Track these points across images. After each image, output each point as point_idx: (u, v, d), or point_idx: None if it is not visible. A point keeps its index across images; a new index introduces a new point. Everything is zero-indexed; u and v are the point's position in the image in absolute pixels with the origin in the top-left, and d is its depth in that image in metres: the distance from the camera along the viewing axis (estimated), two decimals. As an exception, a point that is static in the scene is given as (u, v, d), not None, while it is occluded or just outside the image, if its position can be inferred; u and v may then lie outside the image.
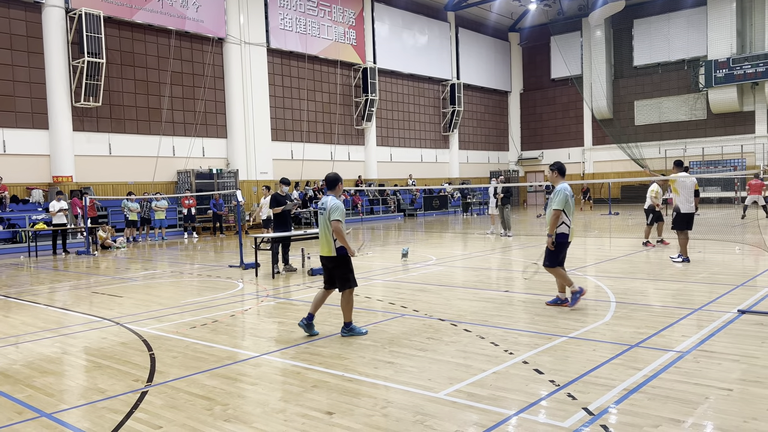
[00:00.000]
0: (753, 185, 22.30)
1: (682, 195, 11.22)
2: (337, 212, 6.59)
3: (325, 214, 6.66)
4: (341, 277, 6.70)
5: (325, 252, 6.70)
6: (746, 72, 32.47)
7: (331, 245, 6.64)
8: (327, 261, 6.74)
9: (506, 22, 41.54)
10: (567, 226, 7.77)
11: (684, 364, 5.23)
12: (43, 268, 14.81)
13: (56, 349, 6.63)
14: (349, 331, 6.70)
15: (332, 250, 6.64)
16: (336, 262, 6.67)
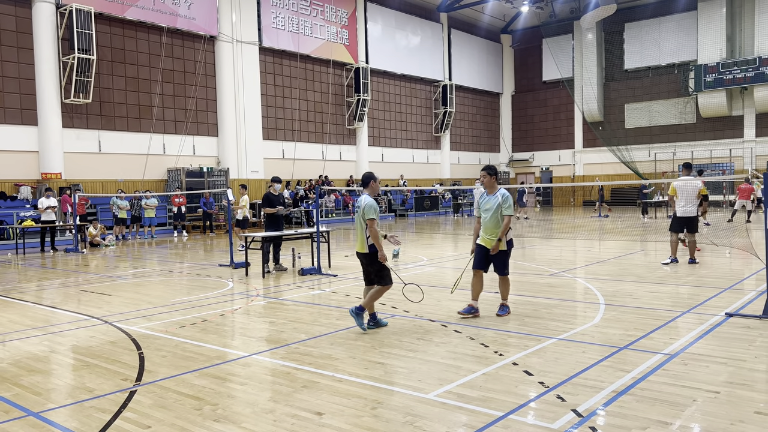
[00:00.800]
0: (742, 190, 22.15)
1: (681, 198, 11.34)
2: (371, 211, 6.77)
3: (359, 212, 6.86)
4: (377, 273, 6.88)
5: (359, 248, 6.93)
6: (735, 77, 32.76)
7: (364, 242, 6.84)
8: (361, 257, 6.96)
9: (498, 24, 41.68)
10: (511, 230, 7.61)
11: (672, 367, 5.26)
12: (31, 265, 14.69)
13: (44, 348, 6.58)
14: (375, 324, 6.96)
15: (365, 247, 6.83)
16: (370, 259, 6.85)
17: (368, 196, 6.93)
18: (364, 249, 6.87)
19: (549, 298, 8.58)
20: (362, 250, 6.90)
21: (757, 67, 32.14)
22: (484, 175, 7.45)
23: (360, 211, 6.87)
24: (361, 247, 6.90)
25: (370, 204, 6.82)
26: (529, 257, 13.55)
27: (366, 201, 6.85)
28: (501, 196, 7.32)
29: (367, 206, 6.79)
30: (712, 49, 33.68)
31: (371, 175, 7.08)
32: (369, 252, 6.82)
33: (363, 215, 6.81)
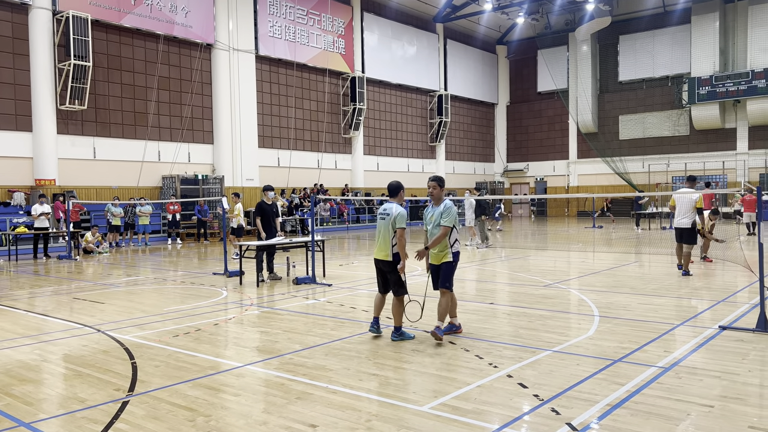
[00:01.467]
0: (747, 201, 20.70)
1: (678, 210, 11.75)
2: (402, 220, 6.86)
3: (389, 219, 6.86)
4: (396, 282, 6.89)
5: (382, 256, 6.92)
6: (728, 90, 33.03)
7: (388, 249, 6.85)
8: (383, 265, 6.95)
9: (494, 35, 41.92)
10: (459, 244, 7.05)
11: (666, 380, 5.27)
12: (24, 272, 14.60)
13: (35, 357, 6.53)
14: (400, 336, 6.88)
15: (389, 255, 6.84)
16: (392, 267, 6.87)
17: (398, 205, 6.96)
18: (388, 257, 6.85)
19: (543, 310, 8.59)
20: (385, 258, 6.87)
21: (749, 80, 32.42)
22: (434, 186, 6.98)
23: (390, 218, 6.85)
24: (385, 255, 6.87)
25: (402, 213, 6.88)
26: (523, 268, 13.57)
27: (398, 209, 6.88)
28: (443, 206, 6.86)
29: (400, 215, 6.84)
30: (706, 62, 33.97)
31: (400, 184, 7.15)
32: (392, 260, 6.84)
33: (394, 223, 6.81)
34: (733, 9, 33.82)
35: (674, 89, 36.09)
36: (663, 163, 36.33)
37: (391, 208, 6.94)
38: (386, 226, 6.89)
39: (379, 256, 6.96)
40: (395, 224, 6.82)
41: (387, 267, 6.91)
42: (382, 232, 6.94)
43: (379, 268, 7.04)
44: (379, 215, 7.05)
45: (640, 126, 37.57)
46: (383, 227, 6.93)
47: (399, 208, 6.92)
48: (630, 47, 37.74)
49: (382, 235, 6.93)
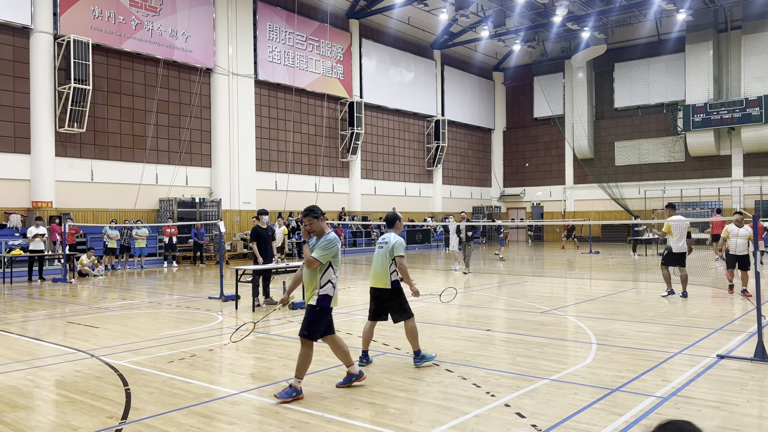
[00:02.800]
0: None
1: (675, 235, 12.21)
2: (401, 248, 6.88)
3: (386, 248, 6.90)
4: (398, 309, 6.90)
5: (380, 284, 6.90)
6: (723, 117, 33.35)
7: (387, 278, 6.85)
8: (380, 293, 6.92)
9: (491, 61, 42.40)
10: (333, 286, 5.90)
11: (664, 410, 5.23)
12: (18, 295, 14.50)
13: (27, 382, 6.46)
14: (421, 359, 6.86)
15: (387, 283, 6.84)
16: (390, 294, 6.87)
17: (396, 234, 7.03)
18: (386, 285, 6.85)
19: (541, 337, 8.55)
20: (384, 286, 6.87)
21: (743, 108, 32.76)
22: (309, 221, 5.93)
23: (388, 247, 6.89)
24: (383, 283, 6.87)
25: (401, 242, 6.94)
26: (521, 294, 13.53)
27: (396, 238, 6.94)
28: (323, 239, 5.91)
29: (398, 243, 6.89)
30: (700, 90, 34.35)
31: (396, 215, 7.30)
32: (391, 288, 6.84)
33: (392, 252, 6.85)
34: (727, 38, 34.34)
35: (669, 116, 36.44)
36: (659, 189, 36.51)
37: (389, 237, 7.00)
38: (384, 255, 6.91)
39: (376, 285, 6.95)
40: (393, 252, 6.85)
41: (385, 295, 6.90)
42: (379, 260, 6.96)
43: (375, 297, 7.02)
44: (378, 245, 7.10)
45: (635, 152, 37.84)
46: (381, 256, 6.95)
47: (397, 237, 6.98)
48: (625, 74, 38.19)
49: (380, 263, 6.94)
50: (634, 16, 34.52)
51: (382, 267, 6.89)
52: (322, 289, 5.84)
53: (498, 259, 24.61)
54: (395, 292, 6.86)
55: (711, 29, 33.91)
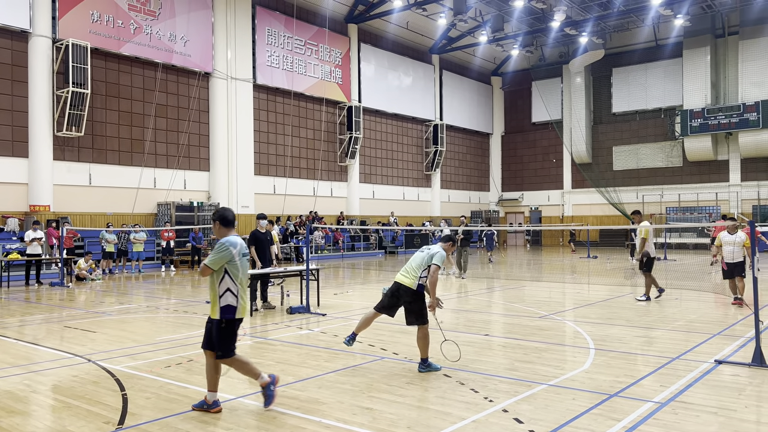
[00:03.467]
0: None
1: (650, 241, 12.56)
2: (440, 260, 6.91)
3: (428, 252, 7.00)
4: (417, 312, 6.92)
5: (406, 282, 6.94)
6: (720, 122, 33.44)
7: (415, 280, 6.90)
8: (403, 291, 6.94)
9: (489, 66, 42.49)
10: (233, 295, 5.48)
11: (662, 416, 5.22)
12: (15, 299, 14.46)
13: (24, 387, 6.43)
14: (427, 367, 6.85)
15: (414, 285, 6.90)
16: (414, 297, 6.91)
17: (442, 249, 7.05)
18: (412, 285, 6.90)
19: (539, 342, 8.54)
20: (409, 285, 6.91)
21: (741, 113, 32.84)
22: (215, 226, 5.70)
23: (430, 253, 6.97)
24: (409, 282, 6.91)
25: (442, 254, 6.97)
26: (519, 298, 13.53)
27: (440, 250, 6.99)
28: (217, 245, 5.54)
29: (439, 255, 6.94)
30: (698, 95, 34.45)
31: (454, 238, 7.41)
32: (416, 291, 6.90)
33: (431, 259, 6.92)
34: (724, 44, 34.46)
35: (667, 121, 36.52)
36: (657, 193, 36.57)
37: (436, 247, 7.10)
38: (423, 258, 7.00)
39: (402, 282, 6.97)
40: (431, 260, 6.93)
41: (408, 295, 6.93)
42: (417, 261, 7.02)
43: (395, 292, 7.01)
44: (421, 249, 7.21)
45: (633, 157, 37.91)
46: (420, 258, 7.03)
47: (441, 250, 7.02)
48: (623, 79, 38.29)
49: (416, 264, 7.00)
50: (632, 21, 34.64)
51: (416, 268, 6.96)
52: (221, 299, 5.42)
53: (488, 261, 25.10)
54: (418, 296, 6.93)
55: (708, 35, 34.03)
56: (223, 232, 5.64)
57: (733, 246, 11.69)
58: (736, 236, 11.66)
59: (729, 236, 11.74)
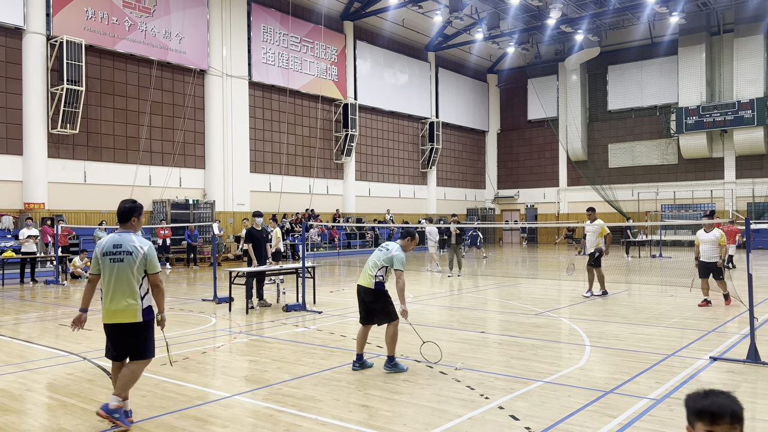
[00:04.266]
0: (727, 232, 18.41)
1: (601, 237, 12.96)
2: (400, 264, 6.75)
3: (385, 254, 6.81)
4: (381, 311, 6.78)
5: (364, 283, 6.80)
6: (715, 120, 33.52)
7: (371, 279, 6.75)
8: (364, 293, 6.82)
9: (485, 63, 42.49)
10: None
11: (657, 412, 5.24)
12: (9, 297, 14.40)
13: (19, 385, 6.41)
14: (393, 367, 6.70)
15: (371, 282, 6.75)
16: (374, 296, 6.76)
17: (400, 247, 6.89)
18: (370, 285, 6.77)
19: (535, 339, 8.55)
20: (367, 285, 6.79)
21: (736, 110, 32.93)
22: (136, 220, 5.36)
23: (387, 254, 6.80)
24: (367, 283, 6.79)
25: (402, 258, 6.81)
26: (514, 296, 13.55)
27: (398, 251, 6.82)
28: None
29: (399, 259, 6.77)
30: (693, 92, 34.53)
31: (414, 234, 7.12)
32: (374, 290, 6.75)
33: (392, 262, 6.76)
34: (719, 41, 34.53)
35: (662, 119, 36.59)
36: (652, 191, 36.64)
37: (394, 245, 6.90)
38: (379, 257, 6.86)
39: (361, 283, 6.88)
40: (390, 262, 6.77)
41: (368, 296, 6.81)
42: (373, 259, 6.92)
43: (360, 298, 6.92)
44: (379, 248, 7.03)
45: (629, 154, 37.98)
46: (377, 256, 6.91)
47: (401, 252, 6.85)
48: (619, 77, 38.33)
49: (371, 262, 6.91)
50: (628, 19, 34.67)
51: (371, 267, 6.85)
52: (143, 300, 5.12)
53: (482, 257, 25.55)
54: (377, 294, 6.76)
55: (704, 32, 34.10)
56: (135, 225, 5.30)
57: (705, 245, 11.31)
58: (711, 234, 11.30)
59: (705, 234, 11.37)
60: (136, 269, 5.07)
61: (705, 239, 11.35)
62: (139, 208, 5.34)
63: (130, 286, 5.05)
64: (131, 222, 5.26)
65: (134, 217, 5.26)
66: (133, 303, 5.05)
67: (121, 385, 5.04)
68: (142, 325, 5.11)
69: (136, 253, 5.07)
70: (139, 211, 5.32)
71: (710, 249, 11.26)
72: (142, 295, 5.11)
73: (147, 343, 5.20)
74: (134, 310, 5.05)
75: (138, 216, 5.29)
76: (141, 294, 5.10)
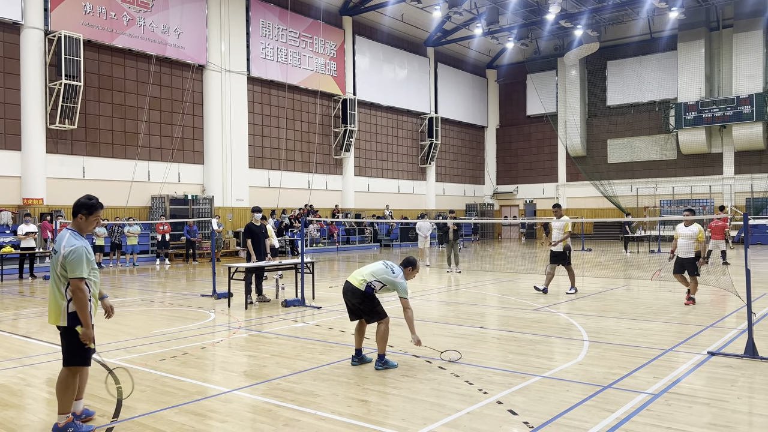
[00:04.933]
0: (714, 227, 18.75)
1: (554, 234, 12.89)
2: (404, 292, 6.74)
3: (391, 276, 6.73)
4: (370, 311, 6.76)
5: (354, 282, 6.76)
6: (714, 115, 33.52)
7: (364, 283, 6.70)
8: (351, 293, 6.76)
9: (484, 59, 42.43)
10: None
11: (655, 407, 5.26)
12: (8, 293, 14.41)
13: (18, 380, 6.42)
14: (384, 365, 6.67)
15: (362, 286, 6.71)
16: (362, 298, 6.73)
17: (403, 276, 6.83)
18: (360, 286, 6.70)
19: (533, 334, 8.57)
20: (357, 286, 6.72)
21: (735, 106, 32.93)
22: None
23: (392, 276, 6.71)
24: (358, 283, 6.73)
25: (407, 287, 6.80)
26: (513, 291, 13.57)
27: (404, 283, 6.78)
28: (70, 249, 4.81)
29: (404, 287, 6.76)
30: (692, 88, 34.51)
31: (416, 263, 7.05)
32: (363, 292, 6.70)
33: (395, 288, 6.74)
34: (719, 36, 34.50)
35: (661, 114, 36.58)
36: (651, 186, 36.68)
37: (399, 272, 6.80)
38: (383, 270, 6.78)
39: (352, 282, 6.77)
40: (397, 288, 6.75)
41: (356, 297, 6.74)
42: (374, 268, 6.83)
43: (347, 295, 6.82)
44: (384, 263, 6.92)
45: (628, 150, 37.98)
46: (379, 268, 6.81)
47: (404, 282, 6.79)
48: (618, 72, 38.30)
49: (372, 269, 6.82)
50: (627, 14, 34.62)
51: (370, 274, 6.76)
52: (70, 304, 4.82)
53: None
54: (366, 296, 6.72)
55: (703, 27, 34.06)
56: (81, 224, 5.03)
57: (683, 239, 11.09)
58: (688, 229, 11.08)
59: (683, 228, 11.16)
60: (58, 270, 4.77)
61: (683, 233, 11.12)
62: (89, 206, 4.93)
63: (56, 287, 4.82)
64: (77, 219, 4.93)
65: (80, 214, 4.91)
66: (58, 305, 4.81)
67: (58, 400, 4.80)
68: (67, 330, 4.84)
69: (60, 253, 4.76)
70: (89, 210, 4.91)
71: (687, 244, 11.08)
72: (69, 299, 4.78)
73: (69, 350, 4.87)
74: (58, 313, 4.80)
75: (85, 215, 4.90)
76: (67, 297, 4.78)
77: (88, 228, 4.97)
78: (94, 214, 4.97)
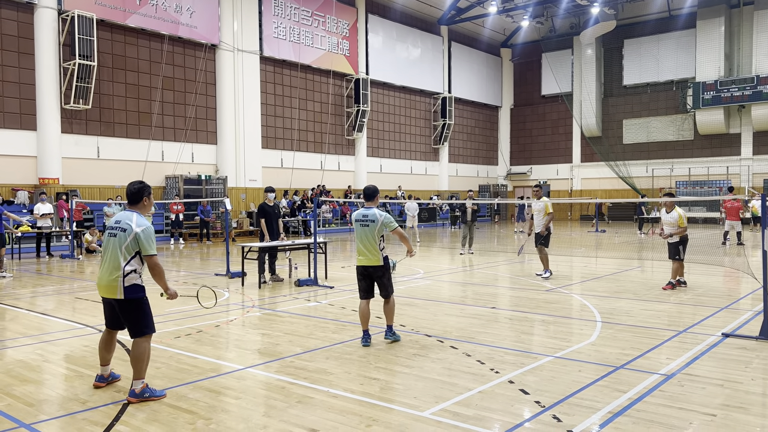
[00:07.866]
0: (729, 209, 18.52)
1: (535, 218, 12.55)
2: (392, 222, 6.90)
3: (374, 226, 6.87)
4: (388, 282, 7.00)
5: (372, 262, 6.91)
6: (733, 95, 32.93)
7: (378, 255, 6.89)
8: (373, 270, 6.94)
9: (499, 37, 41.90)
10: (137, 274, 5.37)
11: (668, 388, 5.25)
12: (26, 271, 14.62)
13: (36, 357, 6.54)
14: (393, 335, 7.03)
15: (380, 260, 6.90)
16: (383, 270, 6.94)
17: (378, 210, 6.98)
18: (379, 261, 6.87)
19: (546, 315, 8.56)
20: (376, 263, 6.87)
21: (754, 85, 32.32)
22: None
23: (376, 226, 6.84)
24: (376, 260, 6.86)
25: (388, 216, 6.94)
26: (526, 272, 13.54)
27: (381, 215, 6.90)
28: None
29: (386, 219, 6.89)
30: (710, 67, 33.88)
31: (377, 189, 7.20)
32: (383, 265, 6.91)
33: (381, 229, 6.86)
34: (739, 14, 33.75)
35: (679, 94, 36.01)
36: (667, 167, 36.26)
37: (374, 214, 6.91)
38: (371, 232, 6.87)
39: (369, 263, 6.92)
40: (388, 227, 6.88)
41: (378, 272, 6.94)
42: (368, 239, 6.90)
43: (366, 275, 6.99)
44: (360, 222, 6.97)
45: (644, 130, 37.50)
46: (368, 234, 6.89)
47: (381, 212, 6.94)
48: (635, 51, 37.67)
49: (367, 241, 6.90)
50: (645, -9, 33.94)
51: (372, 245, 6.89)
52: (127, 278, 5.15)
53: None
54: (385, 267, 6.97)
55: (723, 5, 33.32)
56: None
57: (667, 226, 10.62)
58: (669, 216, 10.55)
59: (665, 215, 10.65)
60: (125, 247, 5.10)
61: (665, 220, 10.66)
62: (148, 188, 5.39)
63: (116, 262, 5.12)
64: (142, 202, 5.34)
65: (145, 197, 5.34)
66: (115, 279, 5.11)
67: (134, 368, 5.12)
68: (125, 303, 5.15)
69: (130, 231, 5.10)
70: (149, 191, 5.38)
71: (670, 230, 10.63)
72: (126, 273, 5.10)
73: (137, 321, 5.19)
74: (115, 287, 5.11)
75: (148, 196, 5.36)
76: (125, 272, 5.10)
77: (150, 208, 5.46)
78: (152, 194, 5.48)
